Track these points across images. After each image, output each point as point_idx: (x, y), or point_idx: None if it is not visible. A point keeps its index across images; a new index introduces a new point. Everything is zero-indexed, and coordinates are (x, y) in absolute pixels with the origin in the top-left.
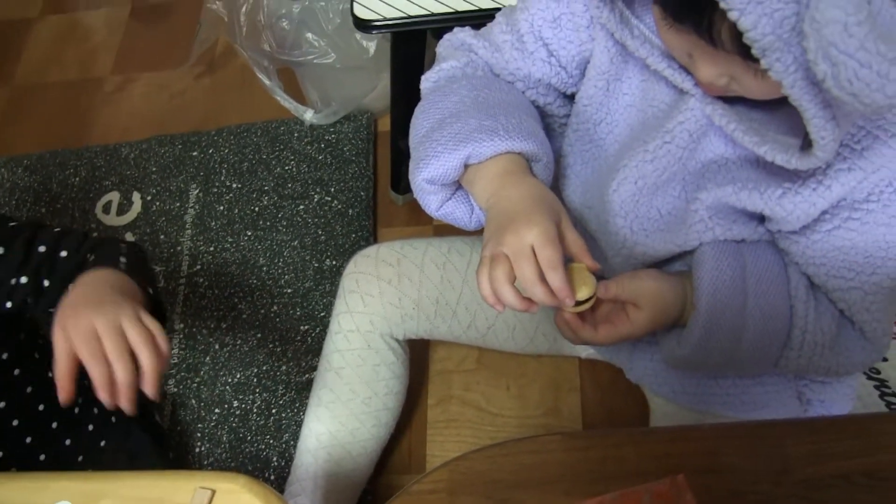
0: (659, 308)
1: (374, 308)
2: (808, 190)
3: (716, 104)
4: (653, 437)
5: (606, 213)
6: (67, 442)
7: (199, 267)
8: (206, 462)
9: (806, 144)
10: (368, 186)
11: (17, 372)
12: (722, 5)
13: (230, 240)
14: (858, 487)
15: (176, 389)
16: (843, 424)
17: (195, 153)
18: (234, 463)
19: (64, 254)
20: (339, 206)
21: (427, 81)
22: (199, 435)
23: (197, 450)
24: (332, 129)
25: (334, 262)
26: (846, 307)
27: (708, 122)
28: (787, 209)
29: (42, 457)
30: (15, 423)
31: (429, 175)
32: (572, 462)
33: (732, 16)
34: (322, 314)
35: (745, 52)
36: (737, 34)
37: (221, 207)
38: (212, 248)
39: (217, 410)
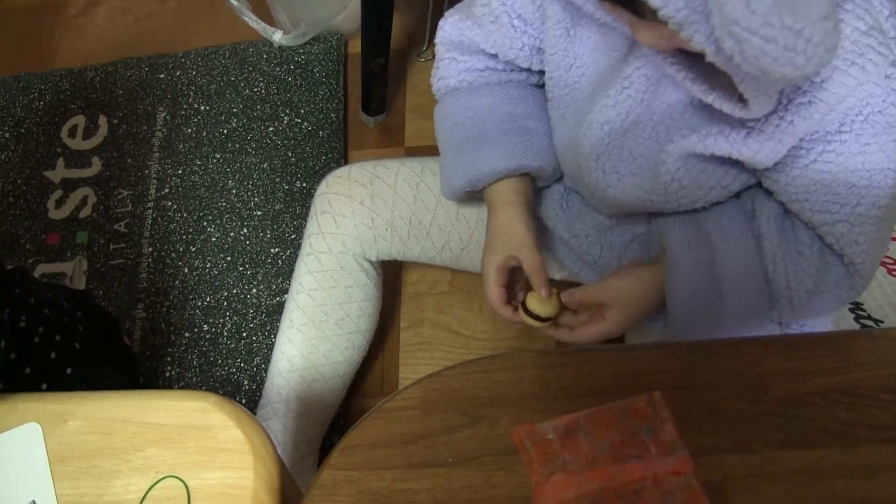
0: (634, 306)
1: (347, 229)
2: (770, 127)
3: (665, 52)
4: (628, 355)
5: (580, 156)
6: (27, 370)
7: (167, 190)
8: (176, 386)
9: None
10: (339, 108)
11: None
12: None
13: (199, 162)
14: (836, 405)
15: (145, 314)
16: (820, 342)
17: (162, 76)
18: (205, 387)
19: None
20: (309, 128)
21: (435, 83)
22: (168, 359)
23: (167, 374)
24: (301, 51)
25: (305, 185)
26: (834, 241)
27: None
28: (753, 149)
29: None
30: None
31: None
32: (547, 379)
33: None
34: (293, 237)
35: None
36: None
37: (189, 130)
38: (180, 171)
39: (187, 334)
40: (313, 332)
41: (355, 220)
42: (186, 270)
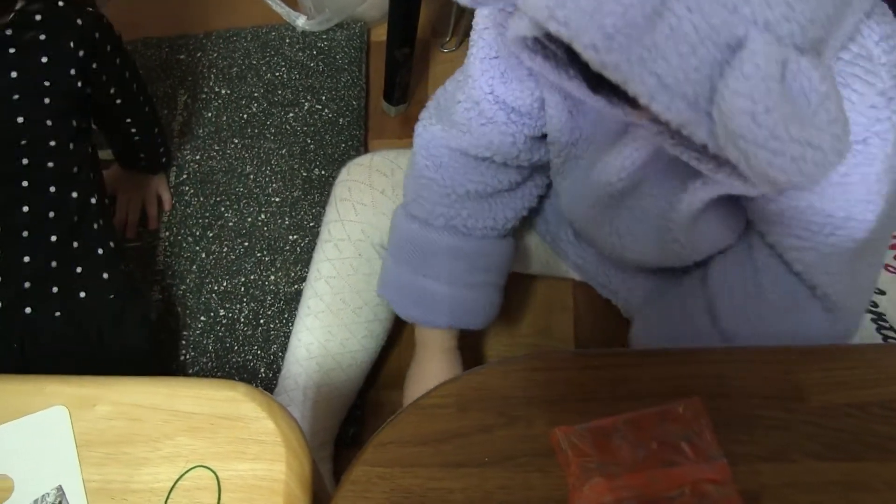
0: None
1: (366, 217)
2: None
3: (665, 134)
4: (664, 359)
5: (593, 223)
6: (81, 295)
7: (185, 175)
8: (190, 371)
9: None
10: (360, 96)
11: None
12: (630, 92)
13: (217, 147)
14: (875, 418)
15: (160, 296)
16: (857, 354)
17: (182, 56)
18: (221, 373)
19: None
20: (330, 115)
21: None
22: (183, 342)
23: (182, 357)
24: (324, 37)
25: (323, 172)
26: (803, 268)
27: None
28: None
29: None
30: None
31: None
32: (584, 381)
33: (642, 102)
34: (311, 224)
35: None
36: None
37: (209, 114)
38: (198, 157)
39: (203, 318)
40: (331, 320)
41: (375, 210)
42: (203, 255)
